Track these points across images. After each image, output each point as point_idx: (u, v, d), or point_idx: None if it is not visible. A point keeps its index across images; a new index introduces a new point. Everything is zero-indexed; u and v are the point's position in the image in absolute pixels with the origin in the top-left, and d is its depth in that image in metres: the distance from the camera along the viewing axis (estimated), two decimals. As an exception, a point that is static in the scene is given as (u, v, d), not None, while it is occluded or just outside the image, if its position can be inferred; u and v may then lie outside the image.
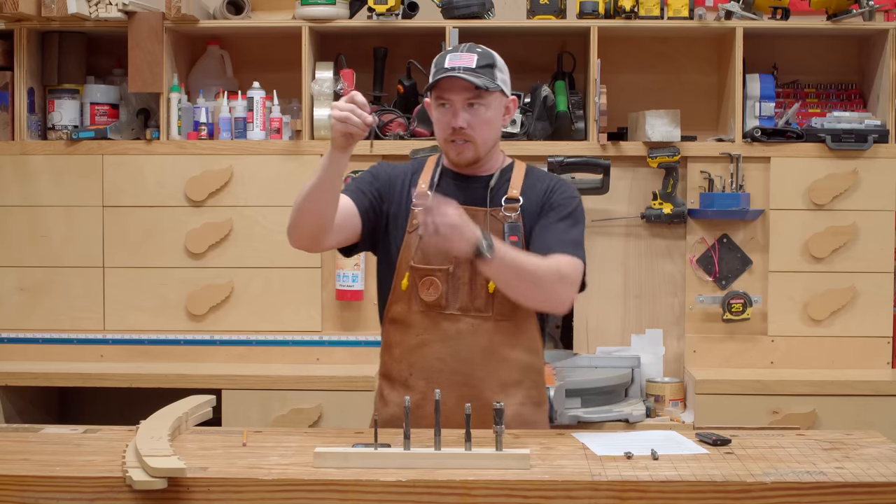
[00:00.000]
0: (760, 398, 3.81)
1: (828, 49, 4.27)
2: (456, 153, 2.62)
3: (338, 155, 2.47)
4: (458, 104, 2.57)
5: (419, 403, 2.57)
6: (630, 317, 4.08)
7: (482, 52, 2.61)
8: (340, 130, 2.41)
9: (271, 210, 4.05)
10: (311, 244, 2.60)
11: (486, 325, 2.60)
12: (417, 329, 2.63)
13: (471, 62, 2.57)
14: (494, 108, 2.61)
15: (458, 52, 2.60)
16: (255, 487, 2.10)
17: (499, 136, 2.69)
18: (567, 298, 2.55)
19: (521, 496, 2.09)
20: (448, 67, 2.57)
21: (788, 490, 2.09)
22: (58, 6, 3.87)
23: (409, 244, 2.63)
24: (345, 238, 2.65)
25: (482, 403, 2.49)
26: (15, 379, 3.90)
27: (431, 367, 2.61)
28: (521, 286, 2.49)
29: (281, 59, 4.20)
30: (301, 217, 2.53)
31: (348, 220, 2.62)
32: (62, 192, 4.07)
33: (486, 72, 2.58)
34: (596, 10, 3.99)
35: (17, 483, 2.12)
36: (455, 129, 2.58)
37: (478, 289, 2.59)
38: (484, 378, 2.60)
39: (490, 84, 2.57)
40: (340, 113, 2.40)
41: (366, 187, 2.68)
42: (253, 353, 4.06)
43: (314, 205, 2.51)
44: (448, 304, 2.61)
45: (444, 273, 2.61)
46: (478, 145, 2.61)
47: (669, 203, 3.99)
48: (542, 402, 2.70)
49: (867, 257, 4.00)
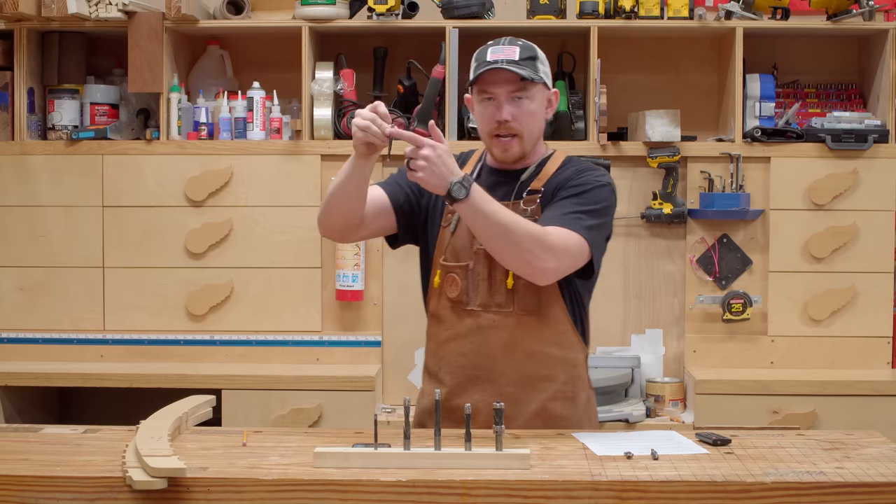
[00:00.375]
0: (760, 398, 3.81)
1: (828, 49, 4.27)
2: (501, 150, 2.61)
3: (360, 162, 2.49)
4: (503, 97, 2.56)
5: (446, 397, 2.60)
6: (630, 317, 4.08)
7: (524, 45, 2.59)
8: (361, 139, 2.43)
9: (271, 210, 4.05)
10: (340, 237, 2.69)
11: (507, 321, 2.59)
12: (446, 324, 2.65)
13: (514, 54, 2.55)
14: (538, 101, 2.60)
15: (500, 45, 2.58)
16: (255, 487, 2.10)
17: (542, 129, 2.66)
18: (547, 268, 2.45)
19: (521, 496, 2.09)
20: (491, 60, 2.55)
21: (788, 490, 2.09)
22: (58, 6, 3.87)
23: (442, 239, 2.65)
24: (377, 230, 2.70)
25: (505, 398, 2.51)
26: (15, 379, 3.90)
27: (455, 362, 2.63)
28: (494, 240, 2.44)
29: (281, 59, 4.20)
30: (328, 212, 2.60)
31: (380, 214, 2.65)
32: (62, 192, 4.07)
33: (530, 64, 2.56)
34: (596, 10, 3.99)
35: (17, 483, 2.12)
36: (500, 123, 2.57)
37: (497, 284, 2.58)
38: (506, 373, 2.59)
39: (534, 75, 2.55)
40: (362, 122, 2.42)
41: (403, 181, 2.69)
42: (253, 353, 4.06)
43: (340, 204, 2.56)
44: (469, 300, 2.61)
45: (463, 269, 2.61)
46: (524, 139, 2.60)
47: (669, 203, 3.99)
48: (576, 396, 2.65)
49: (867, 257, 4.00)
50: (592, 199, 2.56)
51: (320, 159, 4.04)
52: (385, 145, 2.44)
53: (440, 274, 2.64)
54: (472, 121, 4.00)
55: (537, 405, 2.58)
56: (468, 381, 2.60)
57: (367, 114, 2.42)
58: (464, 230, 2.61)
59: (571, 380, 2.64)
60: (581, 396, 2.67)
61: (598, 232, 2.55)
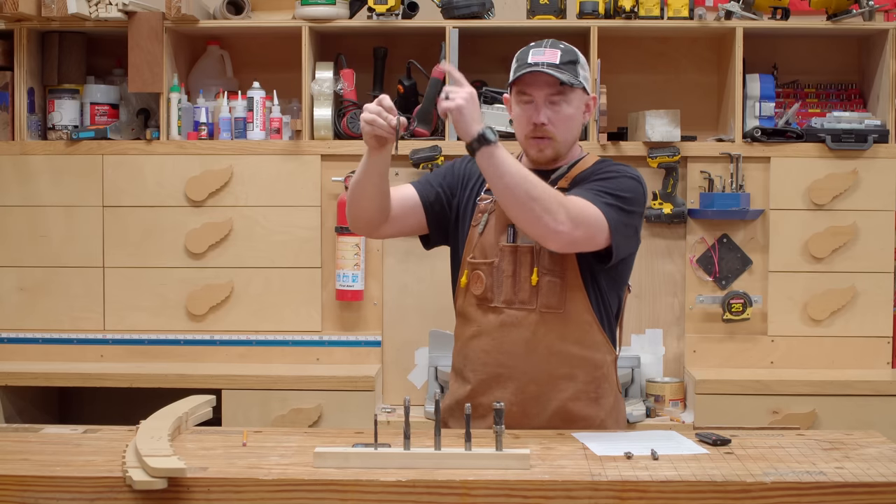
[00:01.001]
0: (760, 398, 3.81)
1: (828, 49, 4.27)
2: (537, 150, 2.62)
3: (373, 156, 2.52)
4: (541, 100, 2.57)
5: (470, 395, 2.62)
6: (630, 317, 4.08)
7: (566, 49, 2.60)
8: (369, 133, 2.47)
9: (271, 210, 4.05)
10: (368, 231, 2.70)
11: (530, 318, 2.59)
12: (471, 322, 2.66)
13: (554, 58, 2.57)
14: (576, 105, 2.60)
15: (542, 48, 2.60)
16: (255, 487, 2.10)
17: (579, 133, 2.67)
18: (560, 230, 2.41)
19: (521, 496, 2.09)
20: (532, 63, 2.56)
21: (788, 490, 2.09)
22: (58, 6, 3.87)
23: (471, 239, 2.66)
24: (408, 228, 2.72)
25: (526, 396, 2.55)
26: (15, 379, 3.90)
27: (478, 359, 2.64)
28: (512, 192, 2.41)
29: (281, 59, 4.20)
30: (352, 208, 2.64)
31: (410, 211, 2.68)
32: (62, 192, 4.07)
33: (570, 68, 2.58)
34: (596, 10, 3.99)
35: (17, 483, 2.12)
36: (536, 126, 2.58)
37: (521, 282, 2.59)
38: (527, 371, 2.59)
39: (574, 80, 2.56)
40: (368, 115, 2.45)
41: (436, 180, 2.71)
42: (253, 353, 4.06)
43: (361, 199, 2.59)
44: (493, 297, 2.62)
45: (489, 266, 2.62)
46: (558, 142, 2.60)
47: (669, 203, 3.99)
48: (601, 398, 2.63)
49: (867, 257, 4.00)
50: (617, 186, 2.55)
51: (320, 159, 4.04)
52: (392, 137, 2.47)
53: (467, 272, 2.65)
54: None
55: (558, 404, 2.58)
56: (491, 378, 2.61)
57: (373, 107, 2.46)
58: (492, 229, 2.63)
59: (595, 380, 2.63)
60: (607, 398, 2.65)
61: (620, 215, 2.51)
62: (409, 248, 4.04)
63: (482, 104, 4.01)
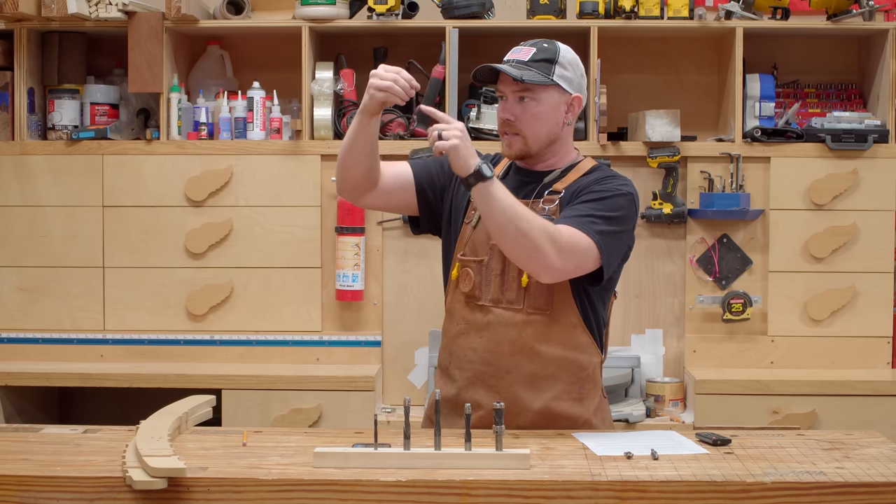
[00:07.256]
0: (760, 398, 3.81)
1: (828, 49, 4.27)
2: (506, 145, 2.64)
3: (365, 120, 2.53)
4: (510, 97, 2.59)
5: (456, 393, 2.62)
6: (630, 317, 4.08)
7: (542, 47, 2.59)
8: (380, 99, 2.46)
9: (271, 210, 4.05)
10: (354, 197, 2.68)
11: (516, 318, 2.58)
12: (458, 319, 2.65)
13: (525, 55, 2.58)
14: (547, 104, 2.58)
15: (521, 46, 2.61)
16: (255, 487, 2.10)
17: (556, 132, 2.62)
18: (551, 265, 2.43)
19: (521, 496, 2.09)
20: (505, 59, 2.60)
21: (788, 490, 2.09)
22: (58, 6, 3.87)
23: (463, 235, 2.66)
24: (396, 204, 2.73)
25: (509, 395, 2.54)
26: (15, 379, 3.90)
27: (465, 357, 2.63)
28: (504, 229, 2.42)
29: (281, 59, 4.20)
30: (340, 171, 2.63)
31: (400, 188, 2.68)
32: (62, 192, 4.07)
33: (540, 66, 2.56)
34: (596, 10, 3.99)
35: (17, 483, 2.12)
36: (503, 121, 2.61)
37: (509, 281, 2.58)
38: (511, 370, 2.59)
39: (538, 78, 2.55)
40: (383, 83, 2.45)
41: (435, 167, 2.71)
42: (253, 353, 4.06)
43: (350, 163, 2.59)
44: (481, 295, 2.61)
45: (478, 264, 2.61)
46: (527, 139, 2.60)
47: (669, 203, 4.00)
48: (584, 398, 2.62)
49: (867, 257, 4.00)
50: (610, 206, 2.54)
51: (320, 159, 4.04)
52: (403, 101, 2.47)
53: (457, 268, 2.65)
54: (472, 120, 4.01)
55: (541, 404, 2.58)
56: (477, 377, 2.60)
57: (389, 74, 2.46)
58: (484, 226, 2.61)
59: (579, 381, 2.62)
60: (591, 399, 2.65)
61: (611, 238, 2.52)
62: (409, 248, 4.04)
63: (482, 104, 4.03)
